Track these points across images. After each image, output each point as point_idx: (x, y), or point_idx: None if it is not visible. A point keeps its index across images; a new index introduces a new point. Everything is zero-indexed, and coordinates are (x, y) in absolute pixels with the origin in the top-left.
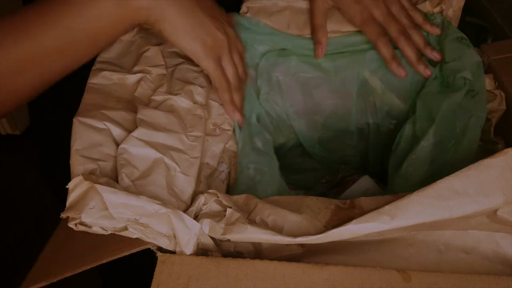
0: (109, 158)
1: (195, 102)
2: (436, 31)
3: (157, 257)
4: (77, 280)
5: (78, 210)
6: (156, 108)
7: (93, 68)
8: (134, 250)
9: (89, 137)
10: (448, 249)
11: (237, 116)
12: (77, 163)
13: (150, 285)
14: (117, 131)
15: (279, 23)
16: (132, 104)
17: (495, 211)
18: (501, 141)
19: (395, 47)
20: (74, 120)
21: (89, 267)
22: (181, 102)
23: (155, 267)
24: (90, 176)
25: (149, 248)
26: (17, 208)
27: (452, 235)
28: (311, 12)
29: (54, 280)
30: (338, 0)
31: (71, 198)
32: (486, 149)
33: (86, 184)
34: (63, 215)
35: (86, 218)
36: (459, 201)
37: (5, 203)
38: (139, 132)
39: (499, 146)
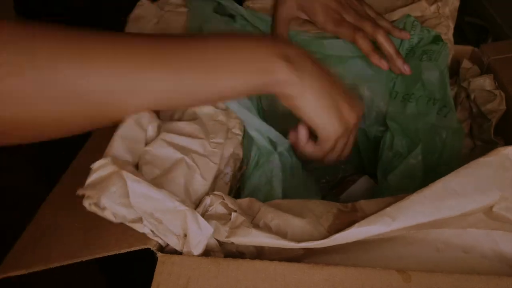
0: (138, 157)
1: (217, 107)
2: (405, 35)
3: (157, 257)
4: (80, 280)
5: (99, 191)
6: (180, 119)
7: None
8: (133, 248)
9: (134, 130)
10: (447, 248)
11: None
12: (115, 147)
13: (150, 285)
14: (151, 134)
15: None
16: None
17: (491, 207)
18: (501, 141)
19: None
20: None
21: (84, 260)
22: (204, 108)
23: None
24: (118, 161)
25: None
26: (17, 208)
27: (451, 234)
28: (274, 21)
29: (37, 270)
30: (307, 11)
31: (92, 178)
32: (486, 149)
33: (111, 168)
34: (80, 192)
35: (105, 200)
36: (458, 200)
37: (5, 203)
38: (163, 135)
39: (499, 146)
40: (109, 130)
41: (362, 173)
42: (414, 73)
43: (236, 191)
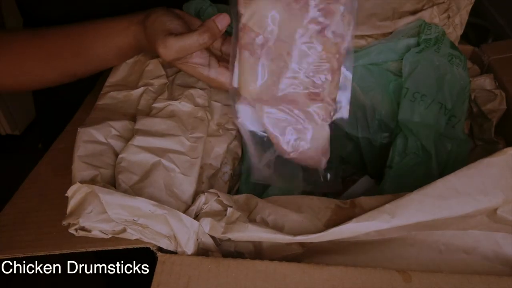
0: (109, 166)
1: (196, 105)
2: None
3: (157, 257)
4: (80, 282)
5: (77, 215)
6: (156, 115)
7: (101, 92)
8: (130, 246)
9: (91, 147)
10: (449, 249)
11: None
12: (79, 169)
13: (150, 285)
14: (118, 145)
15: None
16: (135, 117)
17: (495, 210)
18: (501, 141)
19: None
20: (79, 130)
21: (77, 251)
22: (182, 106)
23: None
24: (88, 181)
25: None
26: None
27: (452, 235)
28: None
29: (19, 256)
30: None
31: (71, 205)
32: (486, 149)
33: (84, 190)
34: (64, 222)
35: (84, 222)
36: (459, 200)
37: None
38: (136, 140)
39: (499, 146)
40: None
41: (362, 173)
42: (430, 69)
43: (237, 189)
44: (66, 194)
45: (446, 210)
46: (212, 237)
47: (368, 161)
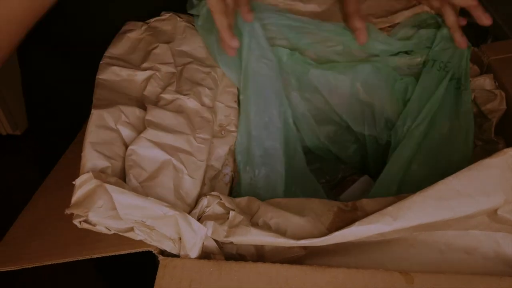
0: (119, 158)
1: (203, 104)
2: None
3: (159, 261)
4: (77, 283)
5: (86, 208)
6: (165, 106)
7: (101, 62)
8: (134, 250)
9: (103, 133)
10: (450, 250)
11: (234, 43)
12: (90, 158)
13: None
14: (126, 132)
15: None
16: (142, 102)
17: (496, 210)
18: (501, 141)
19: None
20: (93, 111)
21: (81, 259)
22: (189, 103)
23: (156, 271)
24: (99, 174)
25: (151, 253)
26: (17, 208)
27: (453, 236)
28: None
29: (29, 266)
30: None
31: (77, 195)
32: (486, 149)
33: (94, 182)
34: (68, 211)
35: (93, 217)
36: (461, 201)
37: (5, 203)
38: (148, 133)
39: (499, 146)
40: None
41: (362, 173)
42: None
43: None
44: (74, 182)
45: (447, 211)
46: (215, 239)
47: (372, 160)
